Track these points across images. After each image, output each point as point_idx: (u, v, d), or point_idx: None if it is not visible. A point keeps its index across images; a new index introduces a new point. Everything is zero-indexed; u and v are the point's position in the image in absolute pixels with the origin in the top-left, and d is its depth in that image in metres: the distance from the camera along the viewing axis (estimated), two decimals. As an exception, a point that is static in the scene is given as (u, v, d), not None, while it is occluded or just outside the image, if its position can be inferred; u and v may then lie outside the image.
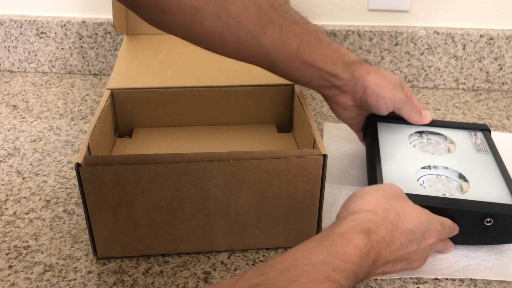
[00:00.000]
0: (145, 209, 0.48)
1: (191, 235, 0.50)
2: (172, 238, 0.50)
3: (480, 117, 0.80)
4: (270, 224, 0.51)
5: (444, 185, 0.53)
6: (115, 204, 0.47)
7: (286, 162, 0.47)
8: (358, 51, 0.88)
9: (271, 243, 0.52)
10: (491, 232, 0.48)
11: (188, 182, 0.47)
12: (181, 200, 0.48)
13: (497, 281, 0.48)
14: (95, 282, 0.48)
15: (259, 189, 0.48)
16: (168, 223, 0.49)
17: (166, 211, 0.48)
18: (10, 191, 0.61)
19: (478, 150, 0.58)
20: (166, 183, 0.47)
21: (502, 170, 0.54)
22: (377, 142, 0.58)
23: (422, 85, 0.90)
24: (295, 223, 0.51)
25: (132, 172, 0.46)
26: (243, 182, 0.48)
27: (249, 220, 0.50)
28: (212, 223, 0.50)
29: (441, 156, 0.57)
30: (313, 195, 0.50)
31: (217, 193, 0.48)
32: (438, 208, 0.48)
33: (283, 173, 0.48)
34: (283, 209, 0.50)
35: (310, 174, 0.48)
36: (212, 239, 0.51)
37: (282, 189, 0.49)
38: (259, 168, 0.47)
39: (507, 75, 0.88)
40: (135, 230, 0.49)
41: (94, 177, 0.46)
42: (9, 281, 0.48)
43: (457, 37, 0.86)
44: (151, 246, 0.50)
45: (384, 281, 0.48)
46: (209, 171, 0.47)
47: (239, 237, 0.51)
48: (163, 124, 0.66)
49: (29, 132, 0.74)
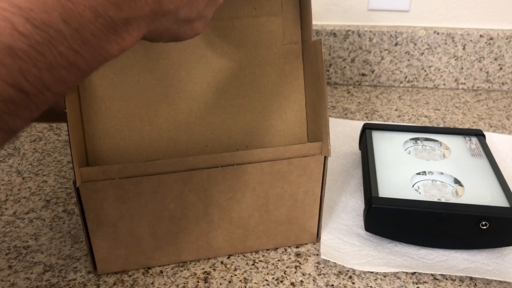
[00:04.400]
0: (148, 220, 0.46)
1: (193, 243, 0.49)
2: (174, 248, 0.49)
3: (480, 117, 0.80)
4: (273, 225, 0.50)
5: (439, 190, 0.53)
6: (116, 218, 0.46)
7: (289, 163, 0.47)
8: (358, 51, 0.88)
9: (273, 243, 0.52)
10: (487, 236, 0.49)
11: (192, 190, 0.46)
12: (185, 209, 0.47)
13: (497, 281, 0.48)
14: (95, 282, 0.48)
15: (262, 191, 0.48)
16: (171, 233, 0.48)
17: (169, 221, 0.47)
18: (10, 191, 0.61)
19: (473, 155, 0.59)
20: (169, 193, 0.45)
21: (497, 174, 0.54)
22: (372, 149, 0.59)
23: (422, 85, 0.90)
24: (296, 222, 0.51)
25: (134, 184, 0.44)
26: (246, 186, 0.47)
27: (252, 223, 0.49)
28: (215, 230, 0.49)
29: (436, 162, 0.57)
30: (314, 193, 0.49)
31: (221, 199, 0.47)
32: (434, 212, 0.48)
33: (286, 174, 0.47)
34: (286, 209, 0.50)
35: (312, 173, 0.48)
36: (215, 245, 0.50)
37: (285, 189, 0.48)
38: (262, 171, 0.46)
39: (507, 75, 0.88)
40: (136, 243, 0.48)
41: (93, 192, 0.44)
42: (9, 281, 0.48)
43: (457, 37, 0.86)
44: (153, 257, 0.49)
45: (384, 281, 0.48)
46: (213, 177, 0.46)
47: (242, 241, 0.50)
48: None
49: (29, 132, 0.74)
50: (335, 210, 0.57)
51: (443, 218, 0.48)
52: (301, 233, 0.52)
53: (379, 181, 0.53)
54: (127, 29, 0.29)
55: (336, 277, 0.48)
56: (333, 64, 0.90)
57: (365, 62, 0.89)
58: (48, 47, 0.25)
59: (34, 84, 0.25)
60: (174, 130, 0.48)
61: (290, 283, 0.47)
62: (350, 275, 0.48)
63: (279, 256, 0.51)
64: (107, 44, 0.28)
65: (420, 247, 0.51)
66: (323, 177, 0.49)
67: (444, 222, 0.48)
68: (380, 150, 0.60)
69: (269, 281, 0.48)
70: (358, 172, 0.64)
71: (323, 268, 0.49)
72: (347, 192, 0.60)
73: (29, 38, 0.24)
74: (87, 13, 0.26)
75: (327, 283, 0.47)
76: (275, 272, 0.49)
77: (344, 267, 0.49)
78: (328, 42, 0.88)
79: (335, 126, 0.76)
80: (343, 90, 0.90)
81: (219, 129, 0.50)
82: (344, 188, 0.61)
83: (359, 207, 0.57)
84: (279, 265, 0.50)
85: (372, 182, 0.53)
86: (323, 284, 0.47)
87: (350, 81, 0.92)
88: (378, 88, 0.91)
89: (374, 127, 0.64)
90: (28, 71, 0.24)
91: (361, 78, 0.91)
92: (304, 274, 0.49)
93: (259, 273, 0.49)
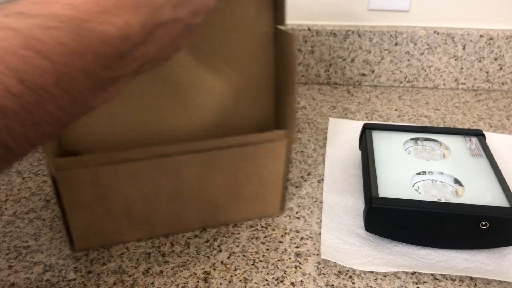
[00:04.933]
0: (122, 202, 0.49)
1: (166, 219, 0.52)
2: (148, 225, 0.52)
3: (480, 117, 0.80)
4: (241, 201, 0.54)
5: (439, 190, 0.53)
6: (91, 201, 0.48)
7: (257, 148, 0.50)
8: (358, 51, 0.88)
9: (240, 217, 0.55)
10: (487, 236, 0.49)
11: (164, 175, 0.49)
12: (157, 191, 0.50)
13: (497, 281, 0.48)
14: (95, 282, 0.48)
15: (231, 173, 0.51)
16: (144, 212, 0.51)
17: (142, 202, 0.50)
18: (10, 191, 0.61)
19: (473, 155, 0.59)
20: (142, 179, 0.48)
21: (497, 174, 0.54)
22: (372, 149, 0.59)
23: (422, 85, 0.90)
24: (262, 198, 0.55)
25: (108, 172, 0.47)
26: (215, 169, 0.50)
27: (222, 200, 0.53)
28: (187, 208, 0.52)
29: (436, 162, 0.57)
30: (279, 172, 0.53)
31: (192, 182, 0.50)
32: (434, 212, 0.48)
33: (253, 158, 0.51)
34: (253, 187, 0.53)
35: (277, 156, 0.52)
36: (186, 221, 0.53)
37: (252, 171, 0.52)
38: (231, 156, 0.50)
39: (507, 75, 0.88)
40: (112, 222, 0.50)
41: (70, 179, 0.46)
42: (9, 281, 0.48)
43: (457, 37, 0.86)
44: (127, 234, 0.52)
45: (384, 281, 0.48)
46: (184, 163, 0.49)
47: (212, 216, 0.54)
48: None
49: (29, 132, 0.74)
50: (335, 210, 0.57)
51: (443, 218, 0.48)
52: (266, 207, 0.56)
53: (379, 181, 0.53)
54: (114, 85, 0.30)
55: (336, 277, 0.48)
56: (333, 64, 0.90)
57: (365, 62, 0.90)
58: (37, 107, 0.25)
59: (17, 140, 0.26)
60: (146, 117, 0.50)
61: (290, 283, 0.47)
62: (350, 275, 0.48)
63: (279, 256, 0.51)
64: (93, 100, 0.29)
65: (420, 247, 0.51)
66: (286, 159, 0.52)
67: (444, 222, 0.48)
68: (380, 150, 0.60)
69: (269, 281, 0.48)
70: (358, 172, 0.64)
71: (323, 268, 0.49)
72: (347, 192, 0.60)
73: (20, 98, 0.24)
74: (79, 76, 0.26)
75: (327, 283, 0.47)
76: (275, 272, 0.49)
77: (344, 267, 0.49)
78: (328, 42, 0.88)
79: (335, 126, 0.76)
80: (343, 90, 0.90)
81: (191, 113, 0.51)
82: (344, 188, 0.61)
83: (359, 207, 0.57)
84: (279, 265, 0.50)
85: (372, 182, 0.53)
86: (323, 284, 0.47)
87: (350, 81, 0.92)
88: (378, 88, 0.91)
89: (374, 127, 0.64)
90: (14, 129, 0.25)
91: (361, 78, 0.91)
92: (304, 274, 0.49)
93: (259, 273, 0.49)
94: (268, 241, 0.53)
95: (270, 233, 0.54)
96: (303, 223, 0.56)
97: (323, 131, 0.75)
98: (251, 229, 0.55)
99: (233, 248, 0.52)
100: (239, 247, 0.52)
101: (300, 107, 0.84)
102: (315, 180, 0.64)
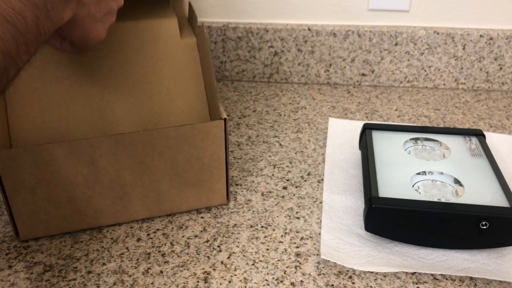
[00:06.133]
0: (63, 185, 0.50)
1: (110, 206, 0.54)
2: (92, 212, 0.53)
3: (480, 117, 0.80)
4: (184, 188, 0.55)
5: (439, 190, 0.53)
6: (33, 184, 0.49)
7: (192, 128, 0.52)
8: (358, 51, 0.88)
9: (186, 206, 0.57)
10: (487, 236, 0.49)
11: (102, 156, 0.50)
12: (97, 174, 0.51)
13: (497, 281, 0.48)
14: (95, 282, 0.48)
15: (170, 156, 0.53)
16: (86, 197, 0.52)
17: (83, 186, 0.51)
18: None
19: (473, 155, 0.58)
20: (80, 158, 0.50)
21: (497, 174, 0.54)
22: (372, 149, 0.59)
23: (422, 85, 0.91)
24: (206, 184, 0.56)
25: (46, 150, 0.48)
26: (154, 150, 0.52)
27: (164, 186, 0.54)
28: (129, 193, 0.53)
29: (436, 162, 0.57)
30: (219, 157, 0.55)
31: (131, 164, 0.52)
32: (434, 212, 0.48)
33: (191, 138, 0.52)
34: (194, 172, 0.55)
35: (214, 137, 0.53)
36: (131, 209, 0.55)
37: (191, 153, 0.53)
38: (167, 136, 0.52)
39: (507, 75, 0.88)
40: (55, 208, 0.51)
41: (9, 160, 0.48)
42: (9, 281, 0.48)
43: (457, 37, 0.86)
44: (73, 221, 0.53)
45: (384, 281, 0.48)
46: (121, 143, 0.50)
47: (156, 204, 0.55)
48: None
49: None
50: (335, 210, 0.57)
51: (443, 218, 0.48)
52: (212, 195, 0.57)
53: (379, 181, 0.53)
54: None
55: (336, 277, 0.48)
56: (333, 64, 0.90)
57: (365, 62, 0.90)
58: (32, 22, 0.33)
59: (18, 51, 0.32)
60: (88, 114, 0.55)
61: (290, 283, 0.47)
62: (350, 275, 0.48)
63: (279, 256, 0.51)
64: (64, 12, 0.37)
65: (420, 247, 0.51)
66: (225, 141, 0.54)
67: (444, 222, 0.48)
68: (380, 150, 0.60)
69: (269, 281, 0.48)
70: (358, 172, 0.64)
71: (323, 268, 0.49)
72: (347, 192, 0.60)
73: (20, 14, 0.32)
74: None
75: (327, 283, 0.47)
76: (275, 272, 0.49)
77: (344, 267, 0.49)
78: (328, 42, 0.88)
79: (335, 126, 0.76)
80: (343, 90, 0.90)
81: (129, 111, 0.56)
82: (344, 188, 0.61)
83: (359, 207, 0.57)
84: (279, 265, 0.50)
85: (372, 182, 0.53)
86: (323, 284, 0.47)
87: (350, 81, 0.92)
88: (378, 88, 0.91)
89: (374, 127, 0.64)
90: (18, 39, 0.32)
91: (361, 78, 0.91)
92: (304, 274, 0.49)
93: (259, 273, 0.49)
94: (268, 241, 0.53)
95: (270, 233, 0.54)
96: (303, 223, 0.56)
97: (323, 131, 0.75)
98: (251, 229, 0.55)
99: (233, 248, 0.52)
100: (239, 247, 0.52)
101: (300, 107, 0.84)
102: (315, 180, 0.64)
